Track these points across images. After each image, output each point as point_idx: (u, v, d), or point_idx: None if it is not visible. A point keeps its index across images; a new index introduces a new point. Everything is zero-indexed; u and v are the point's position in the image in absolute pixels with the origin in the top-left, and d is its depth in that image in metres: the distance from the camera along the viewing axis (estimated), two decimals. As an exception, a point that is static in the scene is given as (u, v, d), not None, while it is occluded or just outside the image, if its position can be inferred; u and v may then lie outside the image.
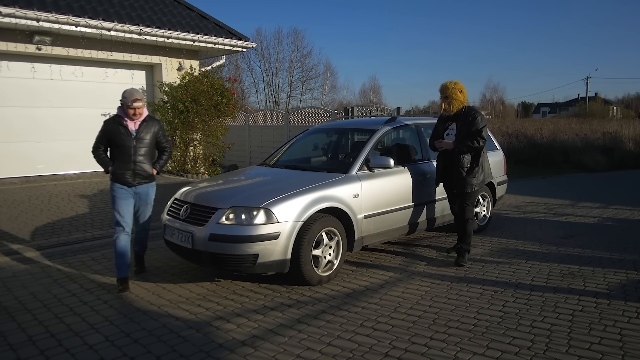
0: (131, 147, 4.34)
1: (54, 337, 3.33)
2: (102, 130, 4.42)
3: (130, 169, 4.35)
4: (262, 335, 3.35)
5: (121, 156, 4.33)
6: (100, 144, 4.45)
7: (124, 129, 4.35)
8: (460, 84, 5.03)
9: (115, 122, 4.37)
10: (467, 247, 5.00)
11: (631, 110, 55.53)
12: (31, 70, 9.82)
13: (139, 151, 4.37)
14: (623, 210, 7.99)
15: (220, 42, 11.36)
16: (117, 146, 4.35)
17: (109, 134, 4.37)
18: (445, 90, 5.01)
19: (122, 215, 4.33)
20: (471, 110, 5.01)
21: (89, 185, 9.35)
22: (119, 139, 4.33)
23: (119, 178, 4.34)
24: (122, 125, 4.36)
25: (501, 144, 7.50)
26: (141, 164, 4.38)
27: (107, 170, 4.42)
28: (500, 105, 69.81)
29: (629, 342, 3.21)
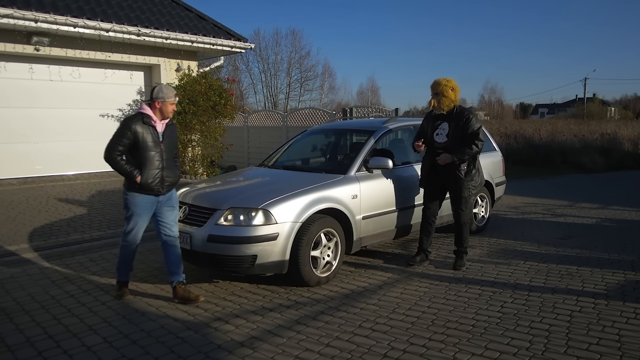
0: (160, 152, 3.87)
1: (52, 339, 3.33)
2: (126, 130, 3.78)
3: (160, 176, 3.87)
4: (261, 336, 3.35)
5: (149, 162, 3.81)
6: (120, 145, 3.80)
7: (152, 130, 3.85)
8: (453, 82, 4.82)
9: (144, 122, 3.83)
10: (464, 250, 4.93)
11: (629, 111, 55.62)
12: (29, 71, 9.81)
13: (167, 156, 3.93)
14: (621, 210, 8.00)
15: (218, 43, 11.36)
16: (145, 150, 3.80)
17: (136, 135, 3.78)
18: (437, 87, 4.78)
19: (139, 232, 3.95)
20: (464, 111, 4.82)
21: (87, 186, 9.34)
22: (148, 141, 3.81)
23: (146, 188, 3.83)
24: (152, 125, 3.86)
25: (499, 145, 7.51)
26: (169, 170, 3.95)
27: (134, 180, 3.79)
28: (499, 106, 69.86)
29: (627, 342, 3.21)
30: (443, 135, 4.80)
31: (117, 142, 3.81)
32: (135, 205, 3.88)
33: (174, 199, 4.08)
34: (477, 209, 6.28)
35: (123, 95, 11.15)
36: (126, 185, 3.91)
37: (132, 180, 3.81)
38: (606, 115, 48.62)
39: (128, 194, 3.90)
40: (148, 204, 3.90)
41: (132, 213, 3.90)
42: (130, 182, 3.84)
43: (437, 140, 4.83)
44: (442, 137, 4.81)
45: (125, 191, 3.92)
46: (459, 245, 4.93)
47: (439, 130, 4.85)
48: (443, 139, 4.79)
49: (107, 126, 11.01)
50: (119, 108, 11.12)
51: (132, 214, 3.90)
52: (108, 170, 11.01)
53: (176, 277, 3.96)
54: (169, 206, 4.01)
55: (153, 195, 3.89)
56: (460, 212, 4.86)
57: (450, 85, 4.77)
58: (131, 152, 3.85)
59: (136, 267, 4.89)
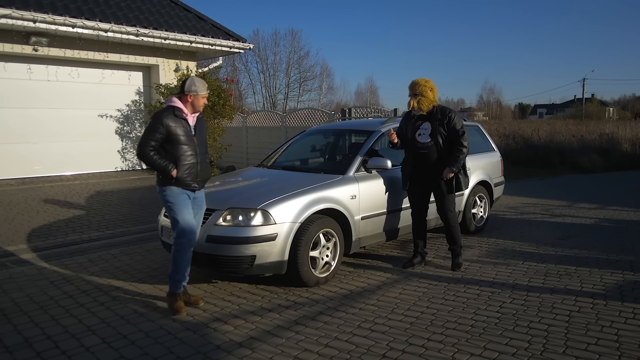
0: (193, 146, 3.77)
1: (50, 339, 3.32)
2: (158, 124, 3.63)
3: (195, 171, 3.77)
4: (260, 337, 3.35)
5: (183, 156, 3.70)
6: (153, 140, 3.64)
7: (185, 124, 3.74)
8: (431, 82, 4.75)
9: (176, 116, 3.69)
10: (459, 249, 4.88)
11: (627, 112, 55.71)
12: (28, 71, 9.81)
13: (200, 150, 3.83)
14: (619, 211, 8.01)
15: (217, 44, 11.37)
16: (178, 144, 3.68)
17: (168, 129, 3.64)
18: (416, 87, 4.70)
19: (192, 226, 3.75)
20: (446, 110, 4.75)
21: (86, 186, 9.33)
22: (180, 135, 3.69)
23: (182, 182, 3.71)
24: (184, 119, 3.73)
25: (498, 145, 7.52)
26: (203, 165, 3.85)
27: (169, 174, 3.66)
28: (497, 106, 70.01)
29: (626, 342, 3.21)
30: (426, 135, 4.71)
31: (150, 138, 3.64)
32: (176, 196, 3.71)
33: (203, 199, 3.97)
34: (475, 209, 6.28)
35: (121, 95, 11.15)
36: (160, 181, 3.75)
37: (168, 175, 3.66)
38: (605, 115, 48.73)
39: (165, 188, 3.72)
40: (186, 200, 3.76)
41: (176, 207, 3.71)
42: (165, 177, 3.69)
43: (419, 140, 4.73)
44: (425, 137, 4.71)
45: (162, 188, 3.74)
46: (453, 244, 4.88)
47: (420, 130, 4.76)
48: (426, 139, 4.70)
49: (106, 126, 11.01)
50: (117, 108, 11.12)
51: (177, 207, 3.71)
52: (107, 170, 11.05)
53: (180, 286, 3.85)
54: (198, 207, 3.92)
55: (189, 190, 3.77)
56: (448, 214, 4.79)
57: (429, 85, 4.72)
58: (164, 147, 3.69)
59: (134, 267, 4.89)
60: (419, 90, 4.69)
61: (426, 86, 4.69)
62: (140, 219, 6.92)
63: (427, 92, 4.69)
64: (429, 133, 4.70)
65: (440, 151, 4.69)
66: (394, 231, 5.19)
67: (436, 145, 4.68)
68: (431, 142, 4.69)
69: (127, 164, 11.42)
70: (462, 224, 6.15)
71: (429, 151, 4.69)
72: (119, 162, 11.30)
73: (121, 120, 11.20)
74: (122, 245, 5.71)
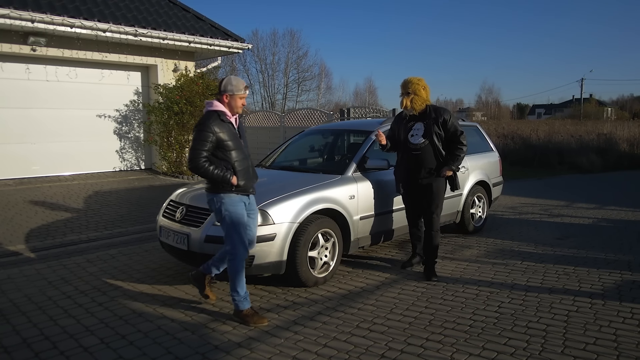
0: (242, 149, 3.61)
1: (48, 340, 3.32)
2: (207, 132, 3.44)
3: (249, 175, 3.64)
4: (258, 337, 3.35)
5: (236, 161, 3.55)
6: (204, 150, 3.45)
7: (231, 127, 3.58)
8: (423, 81, 4.60)
9: (222, 120, 3.53)
10: (435, 260, 4.66)
11: (625, 112, 55.81)
12: (26, 71, 9.79)
13: (248, 152, 3.71)
14: (618, 211, 8.02)
15: (216, 44, 11.36)
16: (229, 149, 3.52)
17: (217, 135, 3.46)
18: (409, 86, 4.55)
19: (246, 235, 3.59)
20: (440, 110, 4.63)
21: (84, 186, 9.32)
22: (229, 140, 3.52)
23: (241, 189, 3.58)
24: (229, 122, 3.58)
25: (497, 145, 7.52)
26: (254, 168, 3.74)
27: (229, 182, 3.49)
28: (496, 106, 70.09)
29: (624, 342, 3.22)
30: (419, 136, 4.58)
31: (201, 148, 3.44)
32: (235, 204, 3.55)
33: (254, 202, 3.82)
34: (474, 209, 6.29)
35: (120, 95, 11.14)
36: (214, 189, 3.56)
37: (228, 183, 3.49)
38: (603, 115, 48.80)
39: (223, 196, 3.53)
40: (243, 203, 3.62)
41: (235, 216, 3.54)
42: (224, 186, 3.51)
43: (412, 141, 4.59)
44: (418, 137, 4.58)
45: (218, 196, 3.55)
46: (431, 255, 4.64)
47: (413, 131, 4.62)
48: (419, 139, 4.57)
49: (104, 127, 11.00)
50: (116, 108, 11.10)
51: (236, 216, 3.54)
52: (105, 170, 11.04)
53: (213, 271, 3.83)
54: (253, 210, 3.78)
55: (246, 195, 3.65)
56: (433, 218, 4.62)
57: (422, 84, 4.58)
58: (215, 154, 3.51)
59: (133, 267, 4.89)
60: (412, 88, 4.55)
61: (419, 84, 4.56)
62: (139, 219, 6.91)
63: (420, 90, 4.56)
64: (421, 134, 4.57)
65: (436, 151, 4.56)
66: (393, 231, 5.19)
67: (432, 145, 4.55)
68: (424, 142, 4.55)
69: (125, 164, 11.41)
70: (461, 224, 6.17)
71: (422, 152, 4.56)
72: (117, 162, 11.29)
73: (120, 121, 11.19)
74: (120, 245, 5.71)
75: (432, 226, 4.65)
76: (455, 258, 5.23)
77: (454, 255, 5.36)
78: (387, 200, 5.03)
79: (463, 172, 6.06)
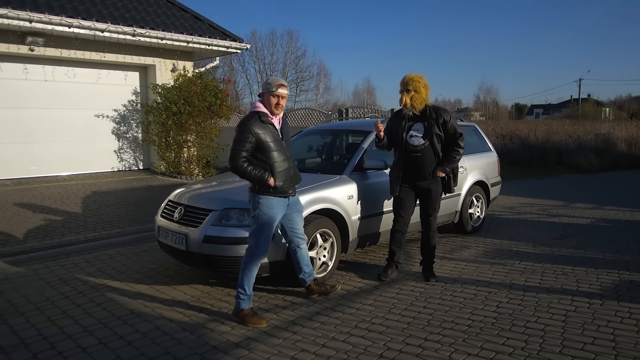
0: (283, 150, 3.62)
1: (46, 340, 3.31)
2: (247, 132, 3.49)
3: (289, 177, 3.64)
4: (257, 337, 3.35)
5: (276, 163, 3.57)
6: (244, 151, 3.50)
7: (272, 129, 3.60)
8: (424, 79, 4.44)
9: (263, 121, 3.56)
10: (433, 260, 4.63)
11: (623, 112, 55.89)
12: (24, 71, 9.76)
13: (290, 153, 3.72)
14: (616, 211, 8.04)
15: (214, 44, 11.34)
16: (269, 150, 3.55)
17: (257, 136, 3.50)
18: (410, 83, 4.38)
19: (270, 239, 3.65)
20: (440, 110, 4.50)
21: (82, 187, 9.30)
22: (269, 141, 3.55)
23: (279, 190, 3.59)
24: (270, 123, 3.59)
25: (495, 146, 7.53)
26: (295, 169, 3.73)
27: (267, 183, 3.52)
28: (494, 106, 70.17)
29: (622, 342, 3.22)
30: (419, 136, 4.43)
31: (240, 148, 3.50)
32: (272, 208, 3.58)
33: (299, 201, 3.90)
34: (472, 209, 6.30)
35: (118, 95, 11.12)
36: (255, 189, 3.61)
37: (266, 185, 3.53)
38: (600, 115, 48.84)
39: (262, 198, 3.57)
40: (281, 207, 3.65)
41: (267, 219, 3.57)
42: (263, 187, 3.56)
43: (412, 142, 4.43)
44: (418, 138, 4.43)
45: (257, 196, 3.59)
46: (429, 256, 4.61)
47: (412, 131, 4.46)
48: (420, 140, 4.42)
49: (102, 127, 10.98)
50: (114, 109, 11.08)
51: (268, 220, 3.58)
52: (103, 170, 11.01)
53: (310, 277, 3.99)
54: (297, 210, 3.85)
55: (284, 197, 3.65)
56: (431, 220, 4.56)
57: (423, 82, 4.42)
58: (255, 155, 3.55)
59: (131, 268, 4.89)
60: (413, 86, 4.38)
61: (420, 82, 4.41)
62: (137, 219, 6.90)
63: (421, 89, 4.40)
64: (421, 134, 4.43)
65: (436, 153, 4.46)
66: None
67: (432, 147, 4.44)
68: (425, 143, 4.42)
69: (123, 164, 11.39)
70: (459, 224, 6.17)
71: (422, 154, 4.43)
72: (115, 162, 11.26)
73: (118, 121, 11.17)
74: (118, 245, 5.70)
75: (430, 227, 4.59)
76: (454, 258, 5.24)
77: (453, 255, 5.36)
78: (385, 201, 5.03)
79: (462, 172, 6.06)
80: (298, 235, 3.87)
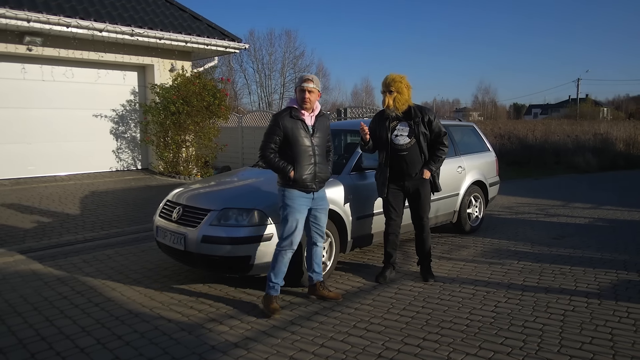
0: (311, 147, 3.79)
1: (44, 340, 3.30)
2: (275, 126, 3.76)
3: (313, 172, 3.79)
4: (255, 337, 3.34)
5: (301, 157, 3.75)
6: (272, 143, 3.77)
7: (302, 124, 3.79)
8: (406, 79, 4.41)
9: (291, 116, 3.78)
10: (430, 260, 4.62)
11: (621, 112, 56.03)
12: (22, 71, 9.74)
13: (317, 150, 3.83)
14: (614, 210, 8.05)
15: (212, 43, 11.33)
16: (296, 145, 3.74)
17: (285, 130, 3.74)
18: (392, 84, 4.35)
19: (298, 233, 3.78)
20: (424, 109, 4.46)
21: (80, 187, 9.29)
22: (297, 136, 3.74)
23: (300, 184, 3.76)
24: (300, 119, 3.79)
25: (493, 145, 7.54)
26: (321, 165, 3.85)
27: (287, 175, 3.74)
28: (492, 106, 70.33)
29: (620, 341, 3.23)
30: (404, 135, 4.39)
31: (269, 140, 3.78)
32: (293, 199, 3.77)
33: (325, 198, 4.00)
34: (471, 209, 6.31)
35: (116, 95, 11.10)
36: (281, 182, 3.84)
37: (287, 176, 3.75)
38: (599, 115, 48.95)
39: (285, 190, 3.80)
40: (304, 200, 3.81)
41: (290, 210, 3.76)
42: (285, 178, 3.78)
43: (398, 142, 4.38)
44: (404, 137, 4.39)
45: (282, 189, 3.84)
46: (425, 257, 4.58)
47: (397, 131, 4.42)
48: (405, 139, 4.38)
49: (101, 126, 10.96)
50: (112, 108, 11.07)
51: (291, 211, 3.76)
52: (101, 170, 11.00)
53: (319, 277, 4.06)
54: (322, 207, 3.96)
55: (307, 192, 3.80)
56: (424, 222, 4.51)
57: (405, 82, 4.39)
58: (282, 148, 3.79)
59: (129, 268, 4.88)
60: (395, 87, 4.35)
61: (402, 83, 4.37)
62: (135, 219, 6.90)
63: (403, 89, 4.36)
64: (407, 133, 4.40)
65: (422, 151, 4.42)
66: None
67: (418, 145, 4.40)
68: (411, 142, 4.38)
69: (122, 164, 11.37)
70: (458, 224, 6.18)
71: (409, 152, 4.39)
72: (113, 162, 11.25)
73: (116, 121, 11.16)
74: (117, 245, 5.69)
75: (424, 229, 4.55)
76: (452, 258, 5.24)
77: (451, 255, 5.37)
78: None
79: (460, 172, 6.07)
80: (317, 232, 3.97)
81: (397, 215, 4.54)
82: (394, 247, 4.59)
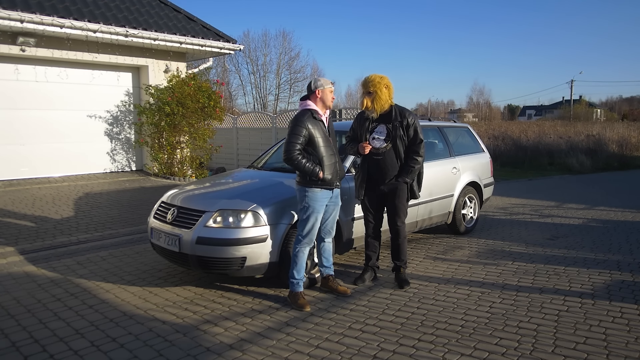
0: (330, 145, 3.91)
1: (38, 343, 3.28)
2: (302, 127, 3.78)
3: (336, 170, 3.92)
4: (250, 339, 3.34)
5: (325, 157, 3.85)
6: (298, 144, 3.78)
7: (322, 125, 3.90)
8: (387, 79, 4.29)
9: (315, 118, 3.86)
10: (406, 265, 4.49)
11: (614, 113, 56.44)
12: (15, 71, 9.69)
13: (336, 149, 3.98)
14: (607, 211, 8.10)
15: (207, 45, 11.31)
16: (319, 146, 3.84)
17: (310, 131, 3.80)
18: (370, 85, 4.25)
19: (316, 230, 3.92)
20: (405, 112, 4.33)
21: (74, 188, 9.24)
22: (319, 137, 3.84)
23: (327, 182, 3.86)
24: (321, 120, 3.90)
25: (487, 146, 7.57)
26: (340, 163, 4.00)
27: (317, 176, 3.79)
28: (487, 107, 70.64)
29: (614, 341, 3.25)
30: (381, 139, 4.28)
31: (295, 141, 3.79)
32: (317, 201, 3.86)
33: (339, 196, 4.11)
34: (465, 210, 6.32)
35: (111, 96, 11.06)
36: (304, 182, 3.87)
37: (316, 177, 3.80)
38: (592, 117, 49.29)
39: (308, 190, 3.85)
40: (326, 199, 3.92)
41: (312, 210, 3.85)
42: (312, 179, 3.82)
43: (374, 145, 4.29)
44: (380, 141, 4.28)
45: (305, 189, 3.86)
46: (400, 261, 4.44)
47: (375, 133, 4.32)
48: (381, 143, 4.27)
49: (95, 128, 10.91)
50: (106, 109, 11.02)
51: (313, 211, 3.85)
52: (96, 172, 10.95)
53: (329, 270, 4.19)
54: (337, 203, 4.09)
55: (331, 189, 3.93)
56: (399, 227, 4.37)
57: (384, 82, 4.27)
58: (306, 149, 3.85)
59: (123, 269, 4.86)
60: (374, 88, 4.24)
61: (381, 83, 4.25)
62: (130, 220, 6.87)
63: (382, 89, 4.24)
64: (383, 137, 4.28)
65: (398, 156, 4.28)
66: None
67: (394, 149, 4.27)
68: (387, 146, 4.27)
69: (116, 165, 11.33)
70: (452, 225, 6.20)
71: (383, 157, 4.28)
72: (108, 163, 11.20)
73: (110, 122, 11.11)
74: (111, 247, 5.67)
75: (399, 234, 4.40)
76: (447, 259, 5.26)
77: (446, 256, 5.38)
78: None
79: (454, 173, 6.09)
80: (327, 227, 4.08)
81: (374, 217, 4.47)
82: (373, 250, 4.52)
